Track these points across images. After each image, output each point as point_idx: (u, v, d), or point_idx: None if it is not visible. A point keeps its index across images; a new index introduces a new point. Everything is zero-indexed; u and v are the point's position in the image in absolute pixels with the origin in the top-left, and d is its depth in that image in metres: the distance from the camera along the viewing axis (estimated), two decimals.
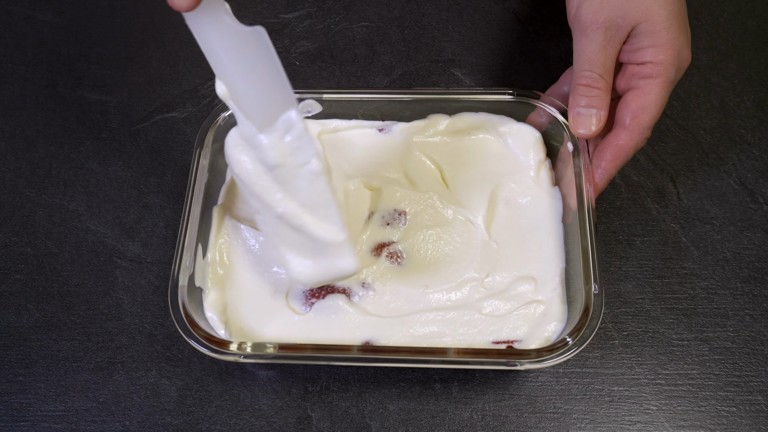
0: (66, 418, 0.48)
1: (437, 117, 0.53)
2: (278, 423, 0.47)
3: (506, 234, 0.49)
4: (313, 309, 0.47)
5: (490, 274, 0.47)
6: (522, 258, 0.48)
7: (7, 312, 0.52)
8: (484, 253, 0.48)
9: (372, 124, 0.54)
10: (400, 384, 0.49)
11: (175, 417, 0.48)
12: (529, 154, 0.52)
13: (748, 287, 0.51)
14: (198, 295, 0.46)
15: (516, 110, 0.52)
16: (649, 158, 0.57)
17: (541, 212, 0.49)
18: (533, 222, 0.49)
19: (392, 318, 0.46)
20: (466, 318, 0.46)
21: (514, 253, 0.48)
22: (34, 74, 0.63)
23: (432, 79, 0.62)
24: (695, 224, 0.54)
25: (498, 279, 0.47)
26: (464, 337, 0.45)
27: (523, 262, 0.48)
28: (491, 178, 0.51)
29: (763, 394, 0.47)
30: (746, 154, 0.56)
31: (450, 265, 0.48)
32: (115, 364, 0.50)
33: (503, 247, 0.48)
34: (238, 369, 0.49)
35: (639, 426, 0.47)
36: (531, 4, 0.65)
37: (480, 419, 0.47)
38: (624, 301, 0.51)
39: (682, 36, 0.46)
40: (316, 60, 0.63)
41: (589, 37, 0.47)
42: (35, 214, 0.56)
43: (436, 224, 0.49)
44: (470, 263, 0.48)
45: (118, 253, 0.54)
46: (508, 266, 0.48)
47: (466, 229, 0.49)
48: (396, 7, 0.66)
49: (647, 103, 0.46)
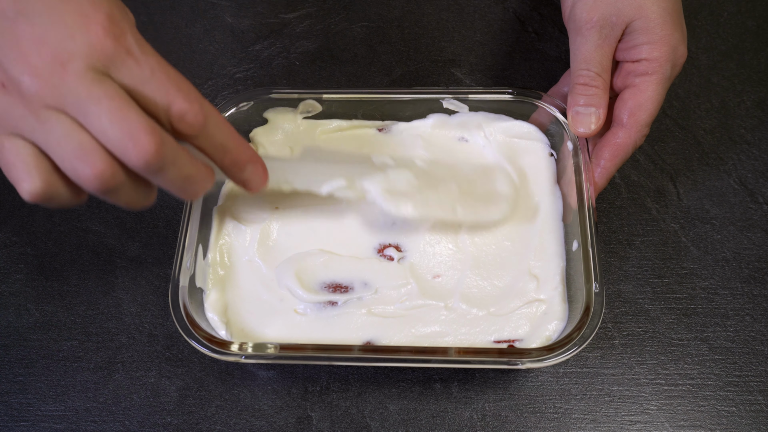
0: (66, 418, 0.48)
1: (437, 116, 0.53)
2: (278, 423, 0.47)
3: (507, 233, 0.49)
4: (315, 310, 0.47)
5: (491, 273, 0.47)
6: (523, 257, 0.48)
7: (7, 312, 0.52)
8: (486, 253, 0.48)
9: (372, 124, 0.54)
10: (400, 384, 0.49)
11: (175, 417, 0.48)
12: (530, 153, 0.52)
13: (748, 287, 0.51)
14: (198, 295, 0.46)
15: (516, 109, 0.52)
16: (649, 158, 0.57)
17: (543, 211, 0.49)
18: (534, 221, 0.49)
19: (394, 318, 0.46)
20: (467, 317, 0.46)
21: (514, 253, 0.48)
22: None
23: (432, 79, 0.62)
24: (695, 224, 0.54)
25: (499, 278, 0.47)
26: (466, 337, 0.45)
27: (524, 261, 0.48)
28: (491, 176, 0.51)
29: (763, 394, 0.47)
30: (746, 154, 0.57)
31: (452, 264, 0.48)
32: (115, 364, 0.50)
33: (504, 247, 0.48)
34: (238, 369, 0.49)
35: (639, 426, 0.47)
36: (531, 4, 0.65)
37: (480, 419, 0.47)
38: (624, 301, 0.51)
39: (677, 32, 0.46)
40: (316, 60, 0.63)
41: (584, 36, 0.47)
42: (35, 214, 0.56)
43: (438, 223, 0.49)
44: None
45: (118, 253, 0.54)
46: (509, 265, 0.48)
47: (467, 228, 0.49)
48: (396, 7, 0.66)
49: (644, 101, 0.46)
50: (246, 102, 0.52)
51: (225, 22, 0.65)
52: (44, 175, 0.34)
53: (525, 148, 0.52)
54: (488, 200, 0.49)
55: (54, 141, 0.33)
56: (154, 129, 0.33)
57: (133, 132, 0.32)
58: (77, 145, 0.32)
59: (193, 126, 0.35)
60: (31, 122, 0.33)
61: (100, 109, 0.32)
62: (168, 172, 0.35)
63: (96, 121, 0.32)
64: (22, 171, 0.34)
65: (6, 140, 0.33)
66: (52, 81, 0.32)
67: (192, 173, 0.36)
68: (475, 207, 0.48)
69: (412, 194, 0.46)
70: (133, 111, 0.33)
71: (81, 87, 0.32)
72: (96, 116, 0.32)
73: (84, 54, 0.33)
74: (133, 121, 0.32)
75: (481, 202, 0.48)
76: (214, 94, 0.61)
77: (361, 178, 0.46)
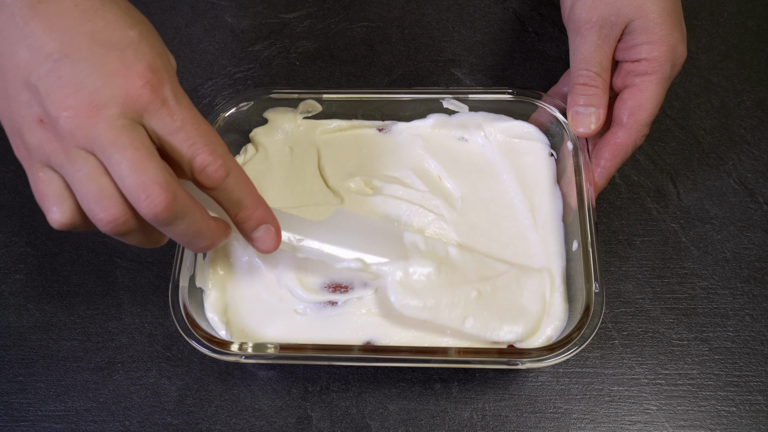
0: (66, 418, 0.48)
1: (437, 116, 0.53)
2: (278, 423, 0.47)
3: (507, 233, 0.49)
4: (315, 310, 0.47)
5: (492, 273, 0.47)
6: (523, 257, 0.48)
7: (7, 312, 0.52)
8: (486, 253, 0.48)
9: (372, 124, 0.54)
10: (400, 384, 0.49)
11: (175, 417, 0.48)
12: (530, 153, 0.52)
13: (748, 287, 0.51)
14: (198, 295, 0.46)
15: (516, 109, 0.52)
16: (649, 158, 0.57)
17: (543, 211, 0.49)
18: (534, 221, 0.49)
19: (394, 318, 0.46)
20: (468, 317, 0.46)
21: (515, 252, 0.48)
22: None
23: (432, 79, 0.62)
24: (695, 224, 0.54)
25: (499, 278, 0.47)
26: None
27: (525, 260, 0.48)
28: (492, 177, 0.51)
29: (763, 394, 0.47)
30: (746, 154, 0.57)
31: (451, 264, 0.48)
32: (115, 364, 0.50)
33: (504, 247, 0.48)
34: (238, 369, 0.49)
35: (639, 426, 0.47)
36: (531, 4, 0.65)
37: (480, 419, 0.47)
38: (624, 301, 0.51)
39: (677, 32, 0.46)
40: (316, 60, 0.63)
41: (584, 36, 0.47)
42: (35, 214, 0.56)
43: (438, 224, 0.49)
44: (471, 262, 0.47)
45: (118, 253, 0.54)
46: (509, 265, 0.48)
47: (467, 228, 0.49)
48: (396, 7, 0.66)
49: (644, 100, 0.46)
50: (246, 102, 0.52)
51: (225, 22, 0.65)
52: (70, 209, 0.36)
53: (525, 148, 0.52)
54: (506, 315, 0.44)
55: (78, 180, 0.35)
56: (169, 184, 0.35)
57: (148, 184, 0.34)
58: (97, 188, 0.34)
59: (212, 179, 0.37)
60: (62, 158, 0.35)
61: (123, 156, 0.34)
62: (177, 226, 0.36)
63: (117, 168, 0.34)
64: (51, 202, 0.36)
65: (40, 171, 0.36)
66: (85, 123, 0.34)
67: (202, 229, 0.38)
68: (487, 323, 0.44)
69: (425, 294, 0.44)
70: (153, 163, 0.34)
71: (110, 132, 0.34)
72: (118, 163, 0.34)
73: (119, 101, 0.34)
74: (150, 174, 0.34)
75: (496, 318, 0.44)
76: (214, 94, 0.61)
77: (379, 264, 0.45)
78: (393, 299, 0.44)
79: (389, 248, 0.46)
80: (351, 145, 0.53)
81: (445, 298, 0.44)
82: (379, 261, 0.45)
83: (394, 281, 0.44)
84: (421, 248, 0.46)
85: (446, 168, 0.52)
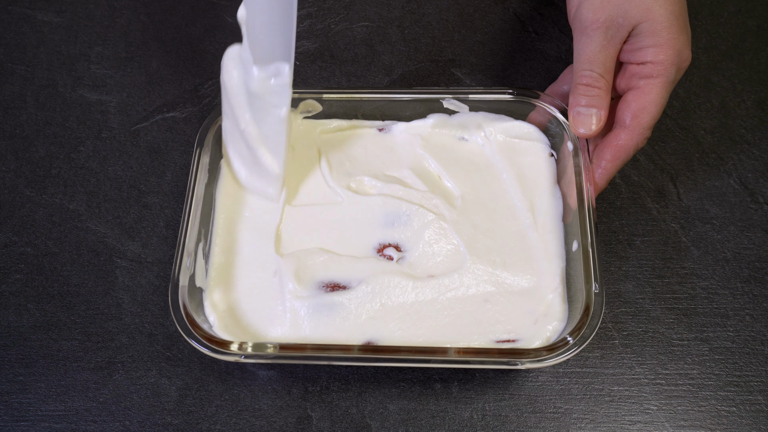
0: (66, 418, 0.48)
1: (437, 116, 0.53)
2: (278, 423, 0.47)
3: (507, 233, 0.49)
4: (314, 309, 0.47)
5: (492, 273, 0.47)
6: (523, 257, 0.48)
7: (7, 312, 0.52)
8: (486, 253, 0.48)
9: (372, 124, 0.54)
10: (400, 384, 0.49)
11: (175, 417, 0.48)
12: (530, 153, 0.52)
13: (748, 287, 0.51)
14: (198, 295, 0.46)
15: (516, 109, 0.52)
16: (649, 158, 0.57)
17: (543, 211, 0.49)
18: (534, 221, 0.49)
19: (394, 318, 0.46)
20: (467, 317, 0.46)
21: (515, 252, 0.48)
22: (34, 74, 0.63)
23: (432, 79, 0.62)
24: (695, 224, 0.54)
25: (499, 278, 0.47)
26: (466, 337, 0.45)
27: (525, 261, 0.48)
28: (492, 176, 0.51)
29: (763, 394, 0.47)
30: (746, 154, 0.57)
31: (452, 264, 0.48)
32: (115, 364, 0.50)
33: (504, 247, 0.48)
34: (238, 369, 0.49)
35: (639, 426, 0.47)
36: (531, 4, 0.65)
37: (480, 419, 0.47)
38: (624, 301, 0.51)
39: (683, 36, 0.46)
40: (316, 60, 0.63)
41: (589, 37, 0.47)
42: (35, 214, 0.56)
43: (438, 224, 0.49)
44: (471, 263, 0.47)
45: (118, 253, 0.54)
46: (509, 265, 0.48)
47: (467, 228, 0.49)
48: (396, 7, 0.66)
49: (647, 103, 0.46)
50: None
51: (225, 22, 0.65)
52: None
53: (525, 148, 0.52)
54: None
55: None
56: None
57: None
58: None
59: None
60: None
61: None
62: None
63: None
64: None
65: None
66: None
67: None
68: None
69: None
70: None
71: None
72: None
73: None
74: None
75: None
76: (214, 94, 0.61)
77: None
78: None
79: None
80: (351, 145, 0.53)
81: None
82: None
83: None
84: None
85: (446, 168, 0.52)
